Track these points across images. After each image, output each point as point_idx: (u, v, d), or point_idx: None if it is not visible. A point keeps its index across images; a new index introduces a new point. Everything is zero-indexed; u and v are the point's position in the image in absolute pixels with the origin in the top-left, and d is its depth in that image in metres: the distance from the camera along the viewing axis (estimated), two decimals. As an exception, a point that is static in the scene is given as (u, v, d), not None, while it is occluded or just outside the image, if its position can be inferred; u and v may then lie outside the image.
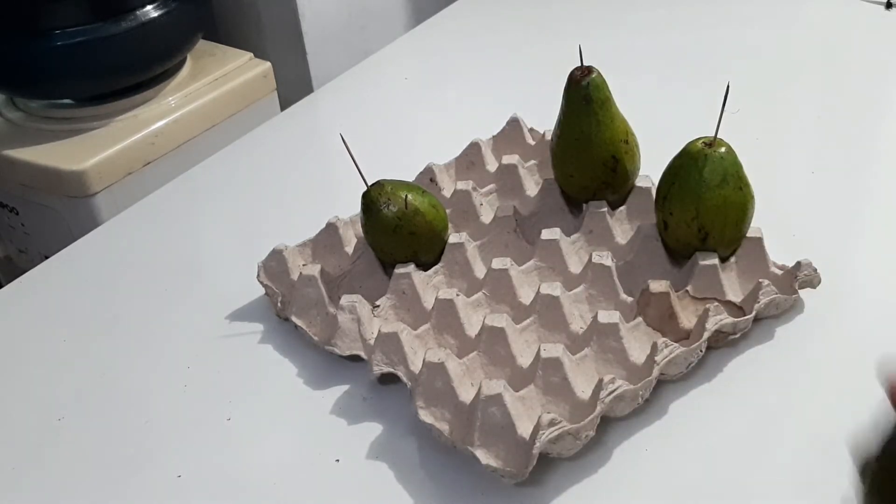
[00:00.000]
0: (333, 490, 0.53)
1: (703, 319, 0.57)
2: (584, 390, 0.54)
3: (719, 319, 0.56)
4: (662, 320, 0.59)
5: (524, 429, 0.51)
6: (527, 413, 0.53)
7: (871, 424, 0.40)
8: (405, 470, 0.54)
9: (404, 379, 0.57)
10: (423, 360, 0.55)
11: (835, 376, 0.58)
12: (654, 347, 0.54)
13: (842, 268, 0.64)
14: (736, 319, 0.57)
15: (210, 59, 1.12)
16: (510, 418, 0.51)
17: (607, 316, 0.56)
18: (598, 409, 0.51)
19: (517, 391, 0.53)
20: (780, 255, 0.62)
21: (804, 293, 0.61)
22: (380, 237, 0.64)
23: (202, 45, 1.14)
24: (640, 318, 0.58)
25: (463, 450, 0.52)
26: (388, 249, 0.64)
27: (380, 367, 0.58)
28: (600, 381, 0.52)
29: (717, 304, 0.58)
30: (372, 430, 0.57)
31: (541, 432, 0.49)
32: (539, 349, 0.54)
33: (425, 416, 0.54)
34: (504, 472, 0.50)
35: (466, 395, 0.54)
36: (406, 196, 0.62)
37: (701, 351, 0.56)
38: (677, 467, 0.52)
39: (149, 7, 0.98)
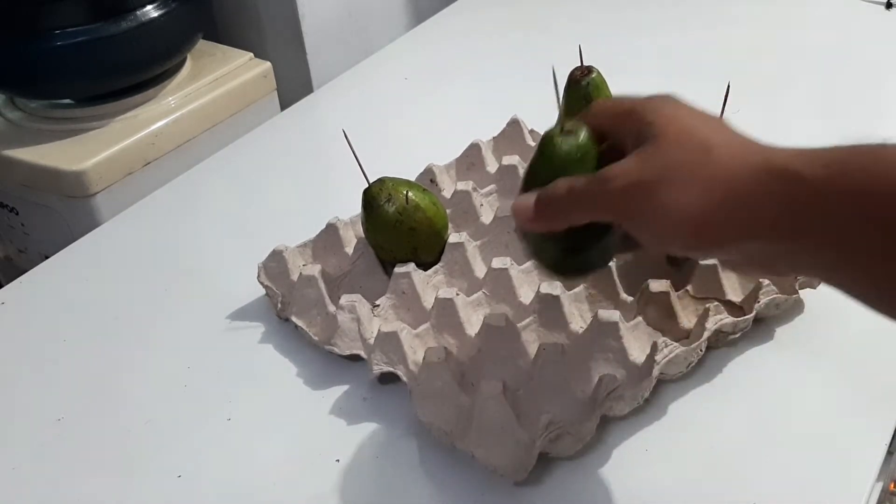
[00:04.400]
0: (333, 490, 0.53)
1: (703, 319, 0.57)
2: (583, 389, 0.54)
3: (719, 319, 0.56)
4: (662, 320, 0.59)
5: (523, 427, 0.51)
6: (526, 411, 0.53)
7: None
8: (405, 470, 0.54)
9: (404, 378, 0.57)
10: (423, 360, 0.55)
11: (834, 376, 0.58)
12: (654, 347, 0.54)
13: (842, 268, 0.64)
14: (736, 319, 0.57)
15: (210, 59, 1.12)
16: (509, 417, 0.51)
17: (607, 315, 0.56)
18: (597, 410, 0.51)
19: (517, 388, 0.53)
20: (780, 255, 0.62)
21: (804, 293, 0.61)
22: (380, 234, 0.64)
23: (202, 45, 1.13)
24: (639, 318, 0.58)
25: (462, 448, 0.52)
26: (389, 247, 0.64)
27: (379, 367, 0.58)
28: (600, 379, 0.52)
29: (717, 303, 0.58)
30: (372, 430, 0.57)
31: (540, 434, 0.49)
32: (539, 346, 0.54)
33: (424, 415, 0.54)
34: (503, 470, 0.50)
35: (466, 394, 0.54)
36: (407, 192, 0.63)
37: (701, 350, 0.56)
38: (677, 467, 0.52)
39: (149, 7, 0.98)
